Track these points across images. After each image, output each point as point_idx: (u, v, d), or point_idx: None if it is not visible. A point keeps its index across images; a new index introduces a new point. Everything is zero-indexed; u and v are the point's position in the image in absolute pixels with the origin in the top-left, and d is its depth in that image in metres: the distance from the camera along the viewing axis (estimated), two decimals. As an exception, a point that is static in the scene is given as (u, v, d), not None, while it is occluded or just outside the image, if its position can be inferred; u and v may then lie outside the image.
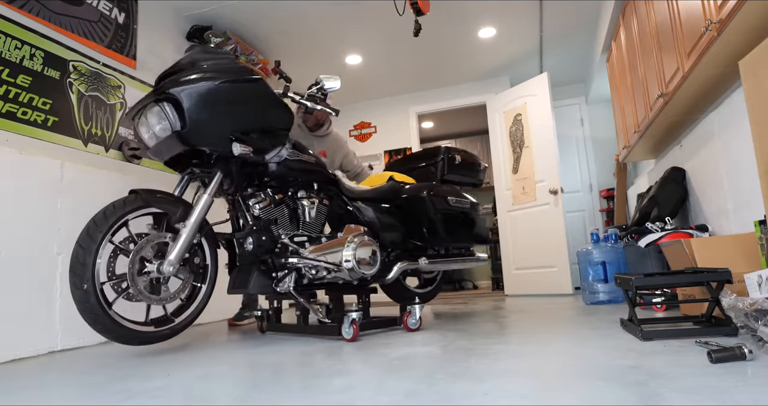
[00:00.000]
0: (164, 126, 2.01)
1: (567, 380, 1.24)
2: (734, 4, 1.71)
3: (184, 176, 2.25)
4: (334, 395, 1.22)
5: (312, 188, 2.46)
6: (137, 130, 2.12)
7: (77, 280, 1.82)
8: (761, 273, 1.54)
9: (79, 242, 1.85)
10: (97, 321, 1.86)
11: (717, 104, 2.60)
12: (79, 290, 1.82)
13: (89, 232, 1.87)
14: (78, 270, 1.83)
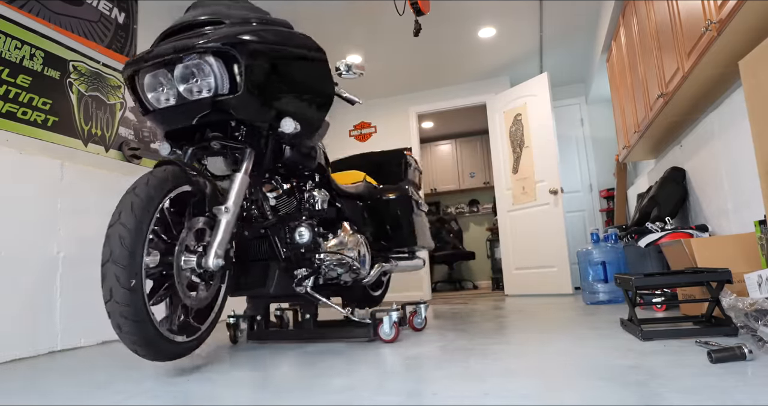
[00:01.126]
0: (204, 85, 1.62)
1: (567, 380, 1.24)
2: (734, 4, 1.71)
3: (189, 151, 1.79)
4: (334, 395, 1.22)
5: (314, 179, 2.24)
6: (140, 86, 1.69)
7: (123, 274, 1.37)
8: (761, 273, 1.54)
9: (123, 222, 1.40)
10: (139, 330, 1.40)
11: (717, 104, 2.60)
12: (124, 289, 1.36)
13: (136, 209, 1.42)
14: (123, 260, 1.37)
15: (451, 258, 7.33)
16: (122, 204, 1.42)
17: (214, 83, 1.61)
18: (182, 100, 1.64)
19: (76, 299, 2.50)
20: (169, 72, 1.62)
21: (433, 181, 7.80)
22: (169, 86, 1.65)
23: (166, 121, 1.72)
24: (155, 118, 1.72)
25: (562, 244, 4.55)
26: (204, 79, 1.62)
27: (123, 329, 1.39)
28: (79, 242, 2.57)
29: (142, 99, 1.71)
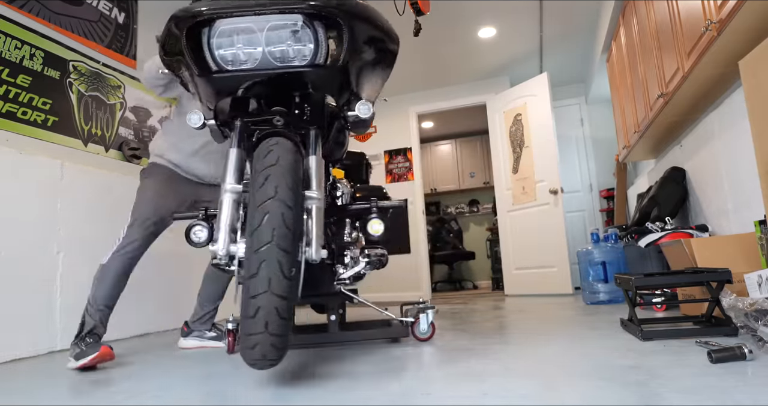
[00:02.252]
0: (298, 51, 1.40)
1: (567, 380, 1.24)
2: (734, 4, 1.71)
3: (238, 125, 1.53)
4: (332, 396, 1.22)
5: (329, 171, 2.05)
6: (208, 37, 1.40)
7: (286, 260, 1.16)
8: (761, 273, 1.54)
9: (282, 198, 1.20)
10: (285, 330, 1.18)
11: (717, 104, 2.60)
12: (285, 279, 1.15)
13: (291, 184, 1.23)
14: (287, 244, 1.16)
15: (451, 258, 7.33)
16: (274, 177, 1.22)
17: (312, 51, 1.39)
18: (266, 65, 1.39)
19: (76, 299, 2.50)
20: (259, 29, 1.37)
21: (433, 181, 7.79)
22: (252, 46, 1.38)
23: (232, 87, 1.46)
24: (218, 82, 1.43)
25: (562, 244, 4.55)
26: (301, 45, 1.39)
27: (270, 329, 1.14)
28: (79, 242, 2.57)
29: (205, 55, 1.40)
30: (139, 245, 2.02)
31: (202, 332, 2.30)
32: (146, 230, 2.04)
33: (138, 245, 2.01)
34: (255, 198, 1.20)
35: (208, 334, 2.30)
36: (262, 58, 1.39)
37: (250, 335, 1.14)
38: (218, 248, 1.35)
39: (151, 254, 3.08)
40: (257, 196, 1.20)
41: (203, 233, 1.60)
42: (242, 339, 1.17)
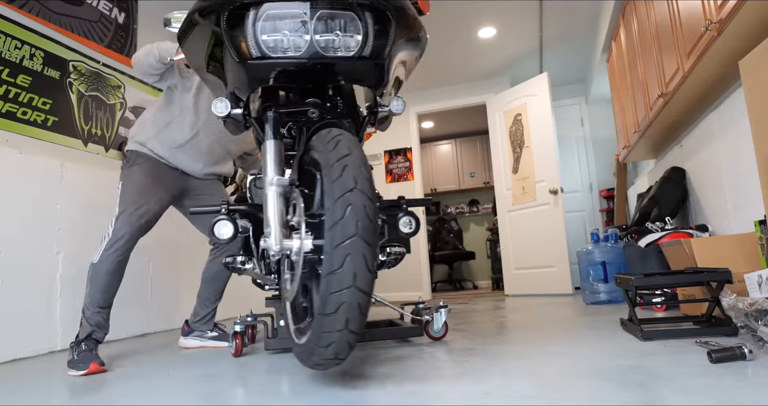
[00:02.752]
0: (346, 42, 1.38)
1: (567, 380, 1.24)
2: (734, 4, 1.71)
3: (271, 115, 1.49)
4: (333, 396, 1.22)
5: None
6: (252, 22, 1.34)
7: (370, 254, 1.11)
8: (761, 273, 1.54)
9: (362, 189, 1.15)
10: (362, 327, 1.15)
11: (717, 104, 2.60)
12: (369, 273, 1.11)
13: (368, 174, 1.20)
14: (370, 237, 1.12)
15: (451, 258, 7.33)
16: (352, 168, 1.17)
17: (359, 43, 1.38)
18: (311, 54, 1.35)
19: (76, 299, 2.50)
20: (309, 16, 1.34)
21: (433, 182, 7.79)
22: (298, 33, 1.35)
23: (271, 75, 1.40)
24: (257, 69, 1.37)
25: (562, 244, 4.55)
26: (349, 35, 1.37)
27: (350, 326, 1.11)
28: (79, 242, 2.57)
29: (247, 40, 1.35)
30: (128, 239, 1.92)
31: (203, 332, 2.30)
32: (136, 221, 1.94)
33: (127, 240, 1.92)
34: (333, 190, 1.14)
35: (209, 334, 2.30)
36: (308, 46, 1.35)
37: (328, 332, 1.10)
38: (271, 243, 1.29)
39: (151, 254, 3.08)
40: (336, 187, 1.14)
41: (229, 228, 1.54)
42: (313, 338, 1.14)
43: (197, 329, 2.30)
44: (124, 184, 2.02)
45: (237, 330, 1.98)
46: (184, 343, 2.31)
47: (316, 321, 1.12)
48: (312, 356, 1.17)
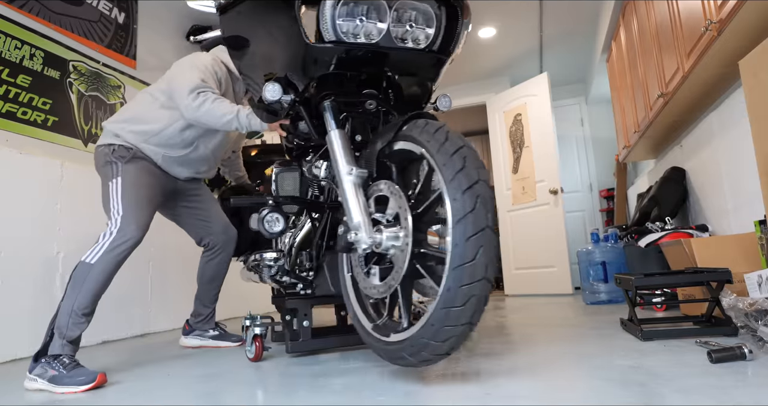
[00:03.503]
0: (418, 34, 1.40)
1: (568, 380, 1.24)
2: (734, 4, 1.71)
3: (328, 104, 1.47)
4: (333, 396, 1.22)
5: None
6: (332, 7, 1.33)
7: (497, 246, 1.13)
8: (761, 273, 1.54)
9: (485, 180, 1.15)
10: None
11: (717, 104, 2.60)
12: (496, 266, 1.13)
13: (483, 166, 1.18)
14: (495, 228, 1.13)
15: (451, 258, 7.31)
16: (472, 159, 1.15)
17: (431, 37, 1.39)
18: (386, 43, 1.35)
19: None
20: (389, 5, 1.34)
21: (433, 181, 7.79)
22: (375, 21, 1.35)
23: (342, 61, 1.37)
24: (328, 53, 1.34)
25: (562, 244, 4.54)
26: (422, 28, 1.38)
27: (474, 319, 1.11)
28: (79, 242, 2.57)
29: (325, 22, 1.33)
30: (135, 241, 1.77)
31: (204, 332, 2.30)
32: (143, 221, 1.81)
33: (135, 242, 1.77)
34: (459, 181, 1.12)
35: (210, 333, 2.30)
36: (383, 35, 1.34)
37: (451, 326, 1.08)
38: (362, 237, 1.26)
39: (151, 254, 3.08)
40: (461, 179, 1.12)
41: (280, 221, 1.51)
42: (427, 332, 1.11)
43: (198, 328, 2.30)
44: (124, 182, 1.86)
45: (257, 333, 1.77)
46: (185, 342, 2.31)
47: (438, 315, 1.09)
48: (421, 352, 1.14)
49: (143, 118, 1.98)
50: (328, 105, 1.45)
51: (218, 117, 1.80)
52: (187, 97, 1.83)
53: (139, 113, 2.00)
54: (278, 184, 1.76)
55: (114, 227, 1.75)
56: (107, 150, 1.93)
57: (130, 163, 1.91)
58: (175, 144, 2.00)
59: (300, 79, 1.43)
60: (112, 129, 1.97)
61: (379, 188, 1.34)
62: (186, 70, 1.92)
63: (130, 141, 1.95)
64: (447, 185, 1.13)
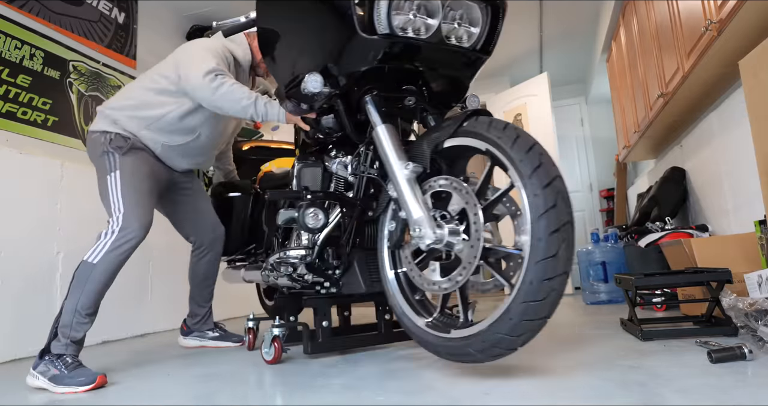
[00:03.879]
0: (464, 34, 1.41)
1: (567, 380, 1.24)
2: (734, 4, 1.71)
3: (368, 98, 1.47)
4: (332, 396, 1.22)
5: None
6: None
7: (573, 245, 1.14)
8: (761, 273, 1.54)
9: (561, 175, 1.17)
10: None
11: (717, 104, 2.60)
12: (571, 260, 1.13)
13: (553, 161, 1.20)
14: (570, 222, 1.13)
15: (451, 258, 7.31)
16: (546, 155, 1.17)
17: (476, 36, 1.42)
18: (436, 40, 1.36)
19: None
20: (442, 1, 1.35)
21: (433, 181, 7.79)
22: (427, 17, 1.35)
23: (388, 55, 1.35)
24: (381, 45, 1.32)
25: (562, 244, 4.54)
26: (467, 27, 1.40)
27: (550, 313, 1.14)
28: (79, 242, 2.57)
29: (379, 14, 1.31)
30: (139, 239, 1.71)
31: (203, 332, 2.28)
32: (145, 218, 1.74)
33: (139, 240, 1.71)
34: (538, 177, 1.14)
35: (210, 334, 2.28)
36: (434, 31, 1.35)
37: (529, 320, 1.10)
38: (426, 232, 1.25)
39: (151, 254, 3.08)
40: (541, 175, 1.14)
41: (320, 215, 1.50)
42: (501, 327, 1.12)
43: (197, 329, 2.28)
44: (123, 176, 1.76)
45: (276, 334, 1.69)
46: (184, 343, 2.30)
47: (518, 308, 1.10)
48: (492, 347, 1.15)
49: (144, 103, 1.89)
50: (372, 99, 1.44)
51: (235, 101, 1.74)
52: (203, 78, 1.76)
53: (139, 98, 1.90)
54: (300, 179, 1.74)
55: (116, 225, 1.69)
56: (103, 138, 1.82)
57: (128, 155, 1.82)
58: (175, 131, 1.92)
59: (343, 71, 1.41)
60: (110, 115, 1.87)
61: (438, 184, 1.33)
62: (199, 52, 1.86)
63: (129, 128, 1.85)
64: (525, 181, 1.15)
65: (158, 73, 1.94)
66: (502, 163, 1.22)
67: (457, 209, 1.29)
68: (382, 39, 1.31)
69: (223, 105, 1.78)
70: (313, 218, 1.50)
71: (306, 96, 1.50)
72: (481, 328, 1.17)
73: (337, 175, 1.71)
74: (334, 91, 1.46)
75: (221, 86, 1.76)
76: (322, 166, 1.75)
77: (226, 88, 1.76)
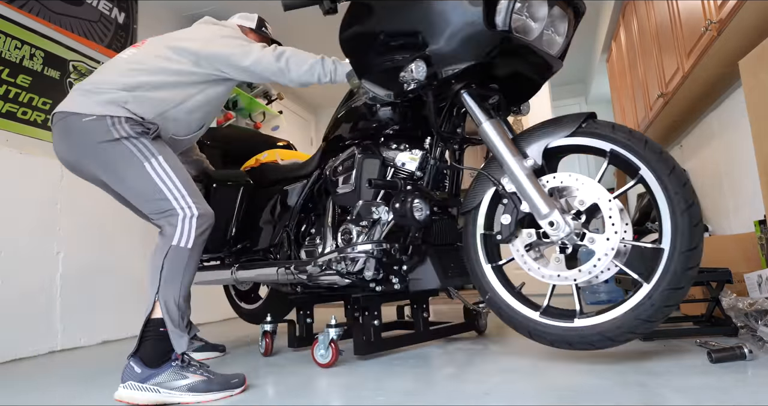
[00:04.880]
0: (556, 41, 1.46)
1: (567, 380, 1.24)
2: (734, 4, 1.71)
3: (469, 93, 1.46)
4: (331, 395, 1.22)
5: None
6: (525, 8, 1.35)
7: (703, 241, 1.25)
8: (761, 273, 1.54)
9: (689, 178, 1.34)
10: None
11: (717, 104, 2.60)
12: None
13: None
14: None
15: (451, 258, 7.31)
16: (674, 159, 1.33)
17: (562, 45, 1.47)
18: (537, 43, 1.40)
19: (76, 299, 2.50)
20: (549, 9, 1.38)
21: (433, 181, 7.78)
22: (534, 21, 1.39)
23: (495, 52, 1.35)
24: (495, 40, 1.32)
25: (562, 244, 4.54)
26: (556, 35, 1.45)
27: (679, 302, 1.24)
28: (79, 242, 2.57)
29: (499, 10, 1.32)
30: (212, 222, 1.52)
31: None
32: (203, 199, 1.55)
33: (213, 221, 1.52)
34: (678, 177, 1.29)
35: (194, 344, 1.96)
36: (538, 35, 1.39)
37: (667, 306, 1.20)
38: (561, 225, 1.33)
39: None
40: (678, 174, 1.30)
41: (425, 208, 1.48)
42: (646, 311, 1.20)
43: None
44: (168, 161, 1.52)
45: (334, 337, 1.59)
46: None
47: (662, 295, 1.19)
48: (627, 333, 1.22)
49: (161, 83, 1.61)
50: (471, 94, 1.45)
51: (302, 60, 1.65)
52: (261, 50, 1.66)
53: (154, 76, 1.60)
54: (362, 170, 1.68)
55: (191, 210, 1.47)
56: (108, 122, 1.49)
57: (158, 140, 1.57)
58: (188, 122, 1.69)
59: (448, 62, 1.38)
60: (115, 98, 1.52)
61: (559, 180, 1.39)
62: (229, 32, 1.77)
63: (140, 113, 1.54)
64: (664, 180, 1.31)
65: (172, 49, 1.65)
66: (630, 163, 1.35)
67: (587, 203, 1.39)
68: (501, 35, 1.32)
69: (291, 67, 1.65)
70: (418, 209, 1.46)
71: (395, 82, 1.45)
72: (616, 315, 1.25)
73: (400, 168, 1.66)
74: (433, 81, 1.42)
75: (284, 53, 1.67)
76: (381, 157, 1.70)
77: (290, 53, 1.68)
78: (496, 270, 1.52)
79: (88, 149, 1.53)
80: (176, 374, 1.29)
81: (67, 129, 1.53)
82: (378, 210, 1.60)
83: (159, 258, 1.41)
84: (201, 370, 1.33)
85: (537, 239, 1.40)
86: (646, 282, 1.23)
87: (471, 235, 1.54)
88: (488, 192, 1.51)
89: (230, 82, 1.75)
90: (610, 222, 1.32)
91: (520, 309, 1.44)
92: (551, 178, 1.39)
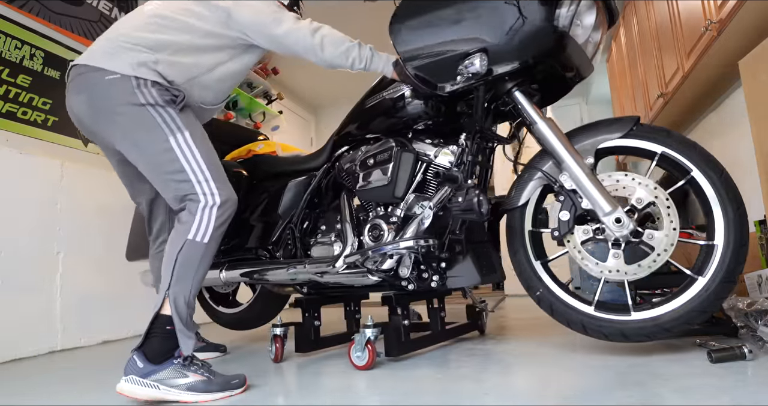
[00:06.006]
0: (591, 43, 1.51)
1: (567, 380, 1.24)
2: (734, 4, 1.71)
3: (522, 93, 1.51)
4: (329, 395, 1.22)
5: None
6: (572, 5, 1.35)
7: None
8: (761, 273, 1.54)
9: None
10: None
11: (717, 104, 2.60)
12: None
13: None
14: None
15: (452, 258, 7.29)
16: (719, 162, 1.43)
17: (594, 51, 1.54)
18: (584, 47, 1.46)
19: (76, 299, 2.50)
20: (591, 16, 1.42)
21: (433, 181, 7.77)
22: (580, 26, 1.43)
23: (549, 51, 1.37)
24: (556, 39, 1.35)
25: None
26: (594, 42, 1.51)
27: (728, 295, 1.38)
28: (79, 242, 2.57)
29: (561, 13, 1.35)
30: (234, 209, 1.41)
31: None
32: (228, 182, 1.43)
33: (234, 209, 1.41)
34: (726, 180, 1.41)
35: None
36: (585, 39, 1.45)
37: (721, 298, 1.33)
38: (625, 223, 1.45)
39: (151, 254, 3.05)
40: (727, 178, 1.41)
41: (487, 200, 1.47)
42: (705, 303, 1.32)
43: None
44: (195, 138, 1.38)
45: (371, 338, 1.53)
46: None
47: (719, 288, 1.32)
48: (683, 324, 1.33)
49: (190, 44, 1.44)
50: (523, 93, 1.50)
51: (338, 41, 1.53)
52: (297, 21, 1.53)
53: (182, 35, 1.44)
54: (399, 163, 1.61)
55: (213, 198, 1.35)
56: (132, 84, 1.34)
57: (186, 110, 1.43)
58: (219, 91, 1.56)
59: (507, 59, 1.38)
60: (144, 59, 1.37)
61: (615, 179, 1.45)
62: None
63: (173, 76, 1.41)
64: (716, 183, 1.41)
65: (202, 4, 1.48)
66: (680, 165, 1.43)
67: (644, 202, 1.44)
68: (561, 34, 1.35)
69: (326, 46, 1.52)
70: (484, 206, 1.43)
71: (449, 74, 1.44)
72: (674, 307, 1.35)
73: (435, 164, 1.63)
74: (488, 77, 1.41)
75: (321, 28, 1.54)
76: (415, 152, 1.65)
77: (326, 29, 1.55)
78: (544, 266, 1.56)
79: (108, 110, 1.37)
80: (177, 372, 1.28)
81: (87, 84, 1.37)
82: (424, 204, 1.59)
83: (174, 250, 1.33)
84: (202, 370, 1.31)
85: (593, 236, 1.52)
86: (700, 276, 1.35)
87: (518, 232, 1.56)
88: (537, 189, 1.57)
89: (259, 51, 1.61)
90: (669, 219, 1.41)
91: (574, 304, 1.50)
92: (606, 176, 1.45)
